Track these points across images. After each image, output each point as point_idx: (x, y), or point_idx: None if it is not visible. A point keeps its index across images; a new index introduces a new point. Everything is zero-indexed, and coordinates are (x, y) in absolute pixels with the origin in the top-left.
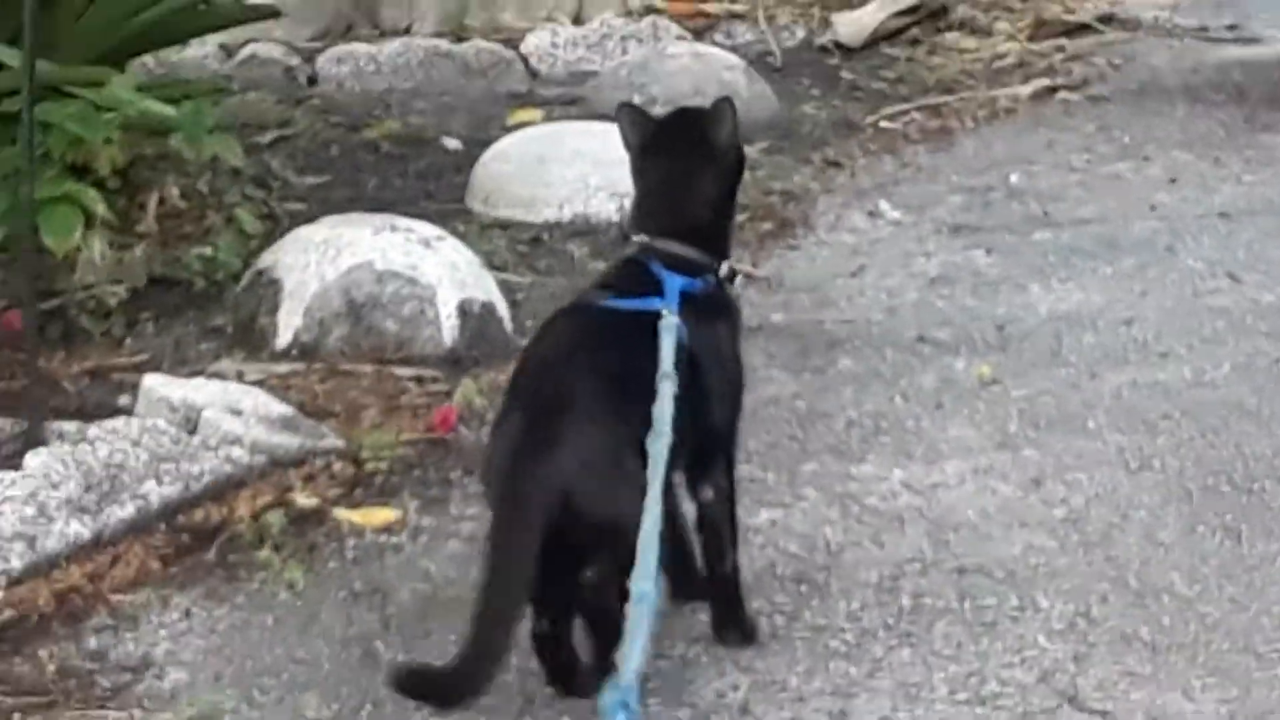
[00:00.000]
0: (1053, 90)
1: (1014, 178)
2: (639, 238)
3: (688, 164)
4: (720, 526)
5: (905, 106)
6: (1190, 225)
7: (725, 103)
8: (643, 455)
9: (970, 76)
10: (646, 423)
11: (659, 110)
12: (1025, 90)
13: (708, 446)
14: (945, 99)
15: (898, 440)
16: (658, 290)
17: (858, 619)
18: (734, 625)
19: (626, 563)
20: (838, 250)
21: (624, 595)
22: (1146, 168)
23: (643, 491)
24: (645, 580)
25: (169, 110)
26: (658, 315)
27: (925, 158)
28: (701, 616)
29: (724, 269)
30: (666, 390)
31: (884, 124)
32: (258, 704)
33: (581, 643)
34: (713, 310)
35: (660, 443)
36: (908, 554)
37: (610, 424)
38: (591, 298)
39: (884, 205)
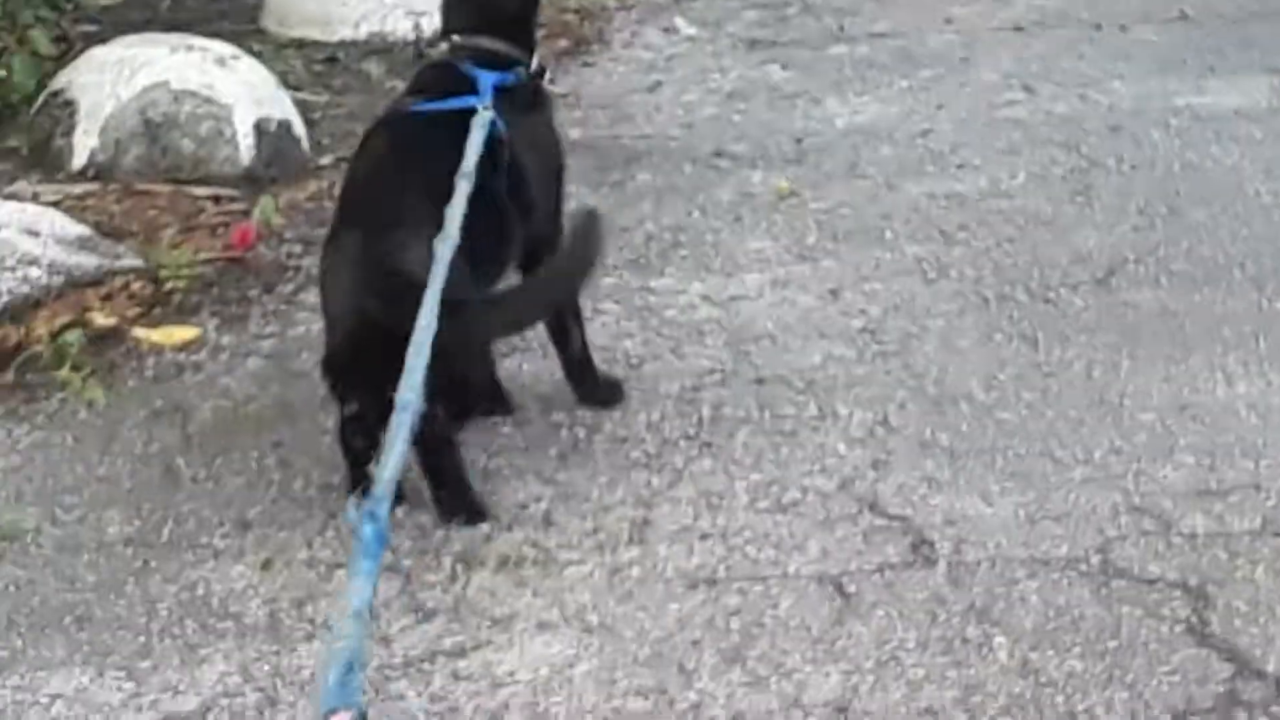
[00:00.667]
0: None
1: None
2: (450, 39)
3: None
4: (562, 312)
5: None
6: (984, 38)
7: None
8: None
9: None
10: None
11: None
12: None
13: (538, 236)
14: None
15: (696, 253)
16: (472, 89)
17: (658, 430)
18: (596, 394)
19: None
20: (634, 66)
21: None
22: None
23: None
24: (408, 389)
25: None
26: (473, 112)
27: None
28: (504, 429)
29: (534, 63)
30: (462, 189)
31: None
32: (60, 521)
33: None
34: (528, 102)
35: (445, 245)
36: (707, 365)
37: (425, 235)
38: (405, 104)
39: (679, 21)
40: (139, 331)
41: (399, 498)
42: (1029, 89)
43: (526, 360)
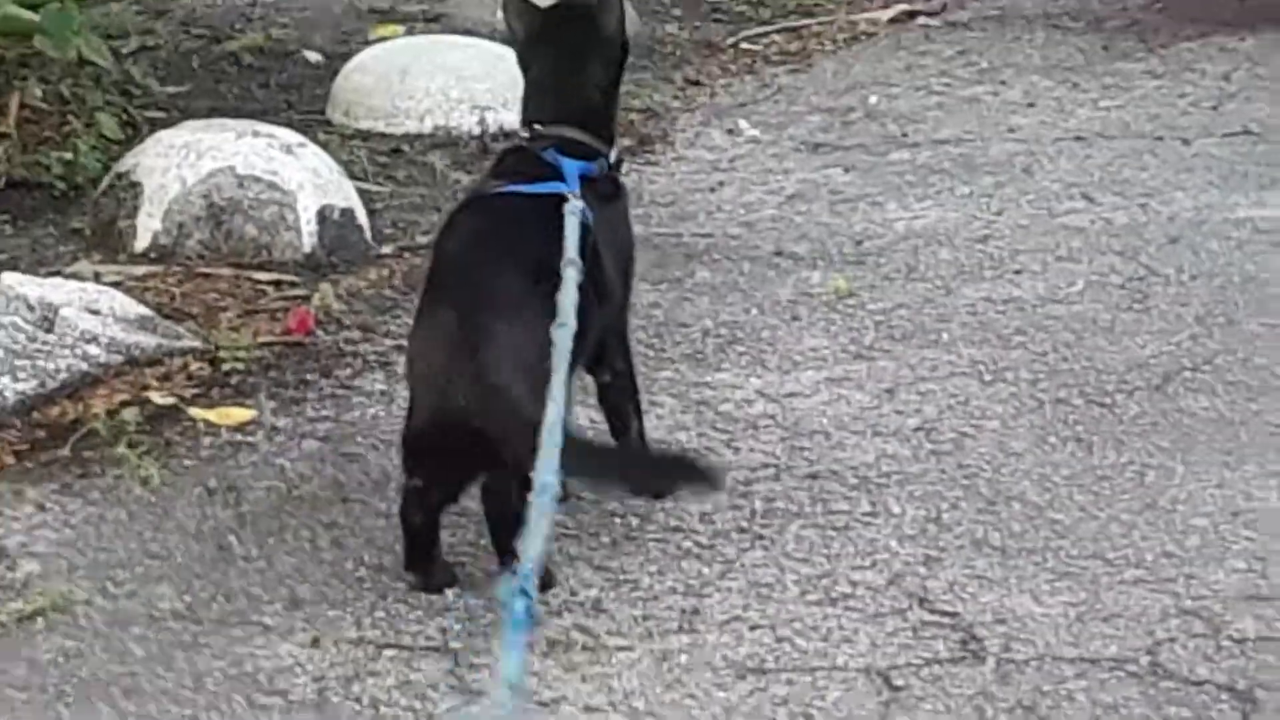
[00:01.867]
0: (912, 15)
1: (873, 99)
2: (532, 128)
3: (576, 52)
4: (623, 405)
5: (766, 28)
6: (1047, 147)
7: None
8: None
9: (831, 0)
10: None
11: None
12: (885, 15)
13: (608, 328)
14: (806, 22)
15: (753, 350)
16: (556, 175)
17: (711, 521)
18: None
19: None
20: (697, 166)
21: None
22: (1005, 91)
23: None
24: (548, 471)
25: (32, 15)
26: (561, 199)
27: (785, 79)
28: (557, 516)
29: (613, 154)
30: (571, 277)
31: (744, 45)
32: (111, 595)
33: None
34: (609, 193)
35: (564, 331)
36: (761, 459)
37: (524, 320)
38: (491, 185)
39: (743, 124)
40: (195, 411)
41: (451, 580)
42: (1089, 198)
43: None
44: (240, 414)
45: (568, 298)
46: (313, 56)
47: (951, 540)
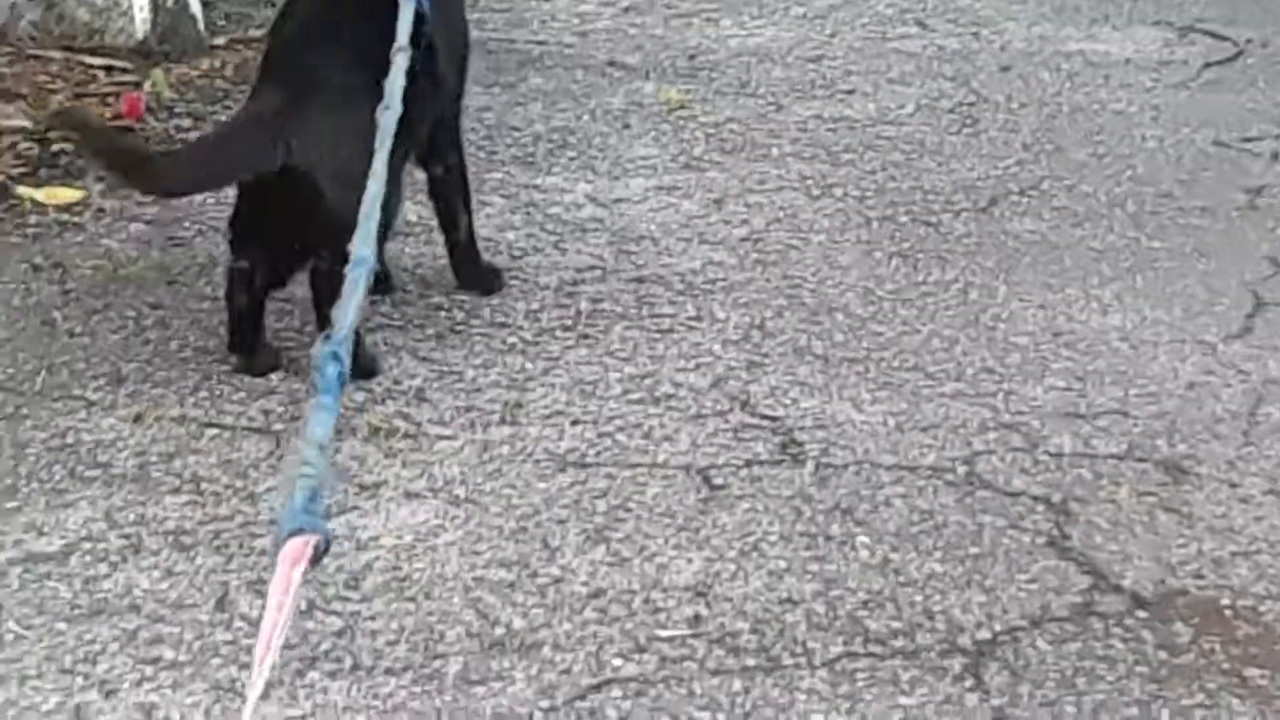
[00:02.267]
0: None
1: None
2: None
3: None
4: (453, 197)
5: None
6: None
7: None
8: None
9: None
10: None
11: None
12: None
13: (440, 121)
14: None
15: (584, 156)
16: None
17: (536, 319)
18: (477, 280)
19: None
20: None
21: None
22: None
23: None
24: (364, 245)
25: None
26: None
27: None
28: (383, 307)
29: None
30: (400, 63)
31: None
32: None
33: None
34: None
35: (390, 115)
36: (588, 262)
37: (345, 106)
38: None
39: None
40: (23, 190)
41: (275, 364)
42: (922, 25)
43: (410, 244)
44: (68, 194)
45: (395, 83)
46: None
47: (774, 347)
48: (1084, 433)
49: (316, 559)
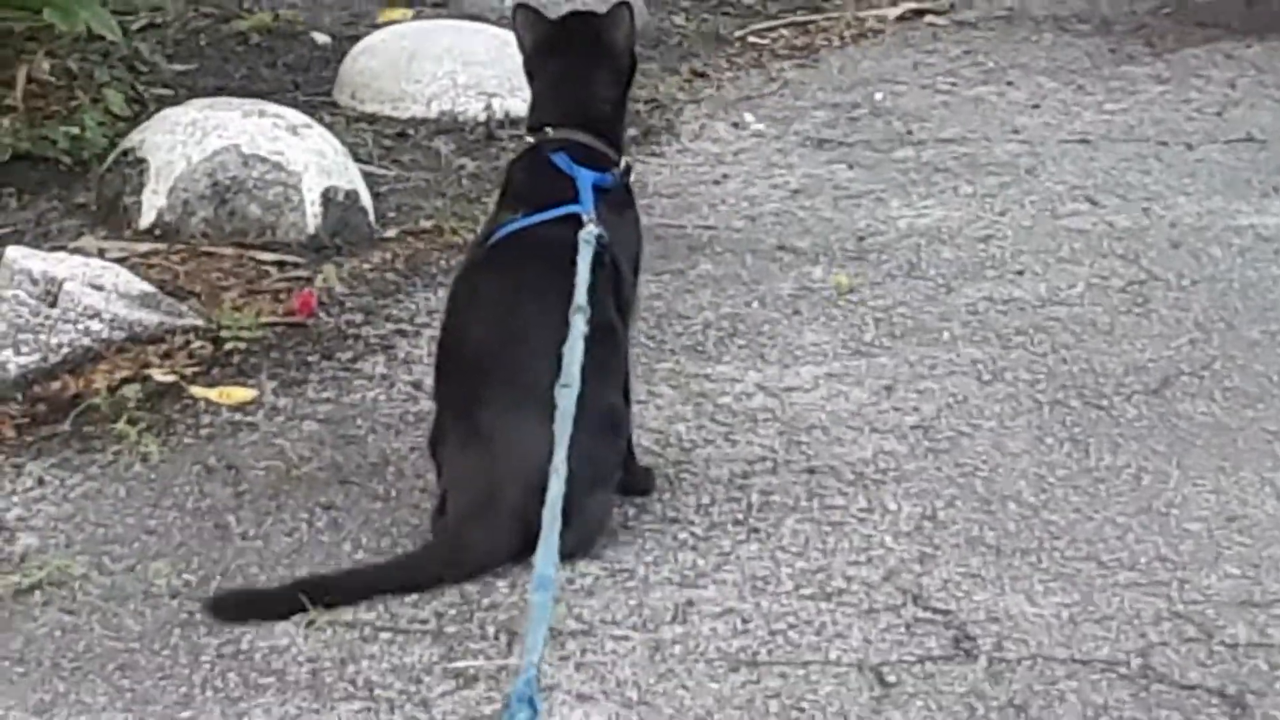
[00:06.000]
0: (920, 13)
1: (879, 96)
2: (543, 132)
3: (585, 62)
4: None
5: (773, 23)
6: (1051, 149)
7: (623, 6)
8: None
9: None
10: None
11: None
12: (893, 12)
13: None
14: (813, 17)
15: (754, 343)
16: (570, 188)
17: (707, 513)
18: (633, 483)
19: None
20: (701, 158)
21: None
22: (1010, 92)
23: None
24: (548, 564)
25: None
26: (577, 223)
27: (791, 73)
28: None
29: (623, 163)
30: (578, 327)
31: (752, 39)
32: (108, 570)
33: None
34: (621, 200)
35: (568, 392)
36: (759, 453)
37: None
38: (505, 219)
39: (748, 117)
40: (196, 389)
41: None
42: (1092, 201)
43: None
44: (241, 393)
45: (574, 352)
46: (320, 38)
47: (946, 538)
48: (1260, 622)
49: None
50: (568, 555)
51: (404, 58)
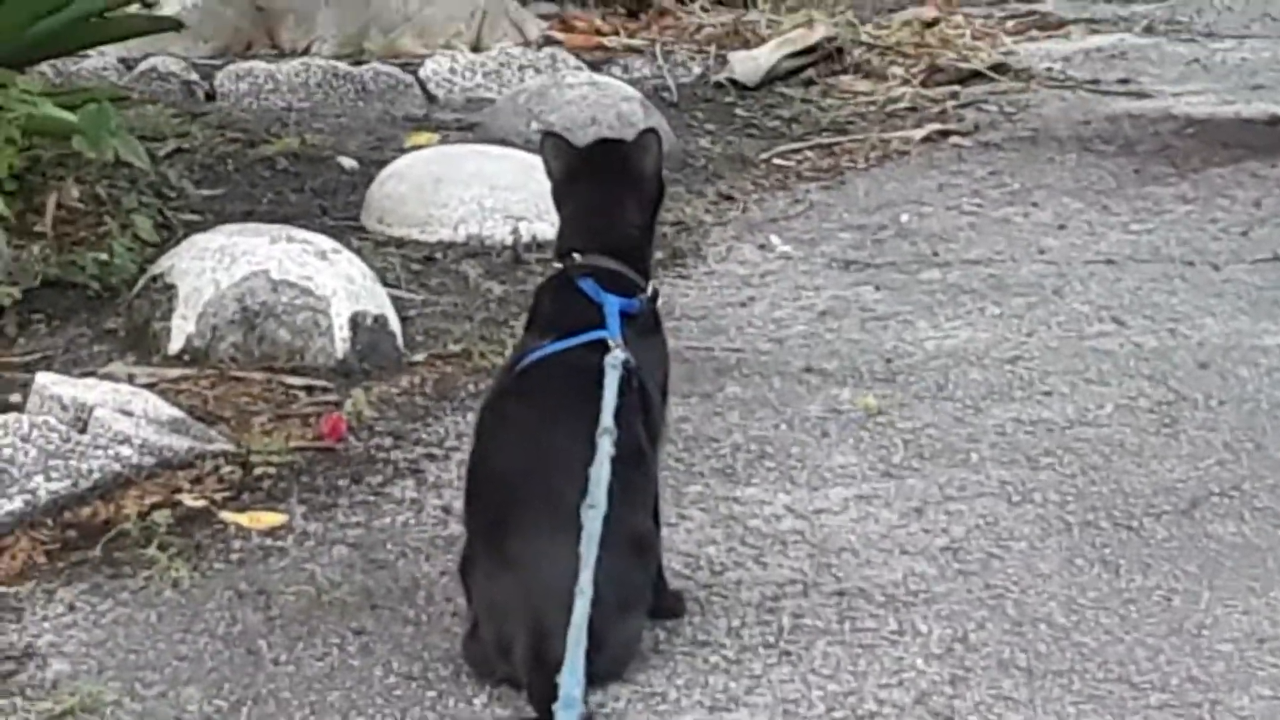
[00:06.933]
0: (945, 135)
1: (904, 218)
2: (570, 258)
3: (613, 189)
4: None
5: (799, 145)
6: (1077, 270)
7: (651, 133)
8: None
9: (863, 118)
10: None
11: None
12: (918, 134)
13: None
14: (838, 139)
15: (783, 466)
16: (597, 314)
17: (738, 636)
18: (663, 608)
19: None
20: (728, 281)
21: None
22: (1036, 213)
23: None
24: (574, 683)
25: (69, 116)
26: (604, 348)
27: (817, 195)
28: None
29: (650, 289)
30: (605, 449)
31: (777, 161)
32: (139, 696)
33: None
34: (648, 325)
35: (594, 514)
36: (789, 575)
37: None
38: (531, 346)
39: (775, 239)
40: (226, 514)
41: None
42: (1119, 322)
43: None
44: (271, 518)
45: (600, 474)
46: (347, 163)
47: (978, 661)
48: None
49: None
50: (598, 679)
51: (431, 182)
